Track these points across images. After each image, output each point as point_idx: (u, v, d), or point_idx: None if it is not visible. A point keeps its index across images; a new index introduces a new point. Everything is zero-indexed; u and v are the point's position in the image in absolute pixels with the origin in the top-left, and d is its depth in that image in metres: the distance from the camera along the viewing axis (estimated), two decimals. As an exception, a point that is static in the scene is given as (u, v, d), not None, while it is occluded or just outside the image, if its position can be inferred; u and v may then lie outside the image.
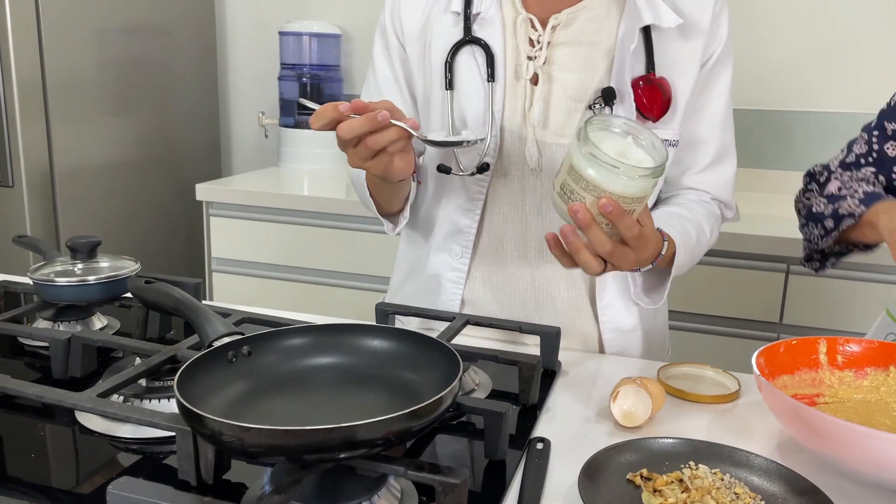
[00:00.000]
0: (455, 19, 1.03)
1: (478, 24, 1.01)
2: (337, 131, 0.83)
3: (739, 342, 1.82)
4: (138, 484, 0.57)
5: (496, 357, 0.89)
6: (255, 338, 0.76)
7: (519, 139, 1.02)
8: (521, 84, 1.01)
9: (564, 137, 1.00)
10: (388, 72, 1.11)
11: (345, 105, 0.83)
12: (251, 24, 2.70)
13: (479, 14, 1.02)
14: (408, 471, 0.63)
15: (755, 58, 2.22)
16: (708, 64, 1.03)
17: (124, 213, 2.31)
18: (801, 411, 0.72)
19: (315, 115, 0.84)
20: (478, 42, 1.01)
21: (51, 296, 1.01)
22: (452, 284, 1.10)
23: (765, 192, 2.24)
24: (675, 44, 1.00)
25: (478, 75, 1.01)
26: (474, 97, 1.02)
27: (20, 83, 1.96)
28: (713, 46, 1.02)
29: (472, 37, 1.01)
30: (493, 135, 1.01)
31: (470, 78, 1.02)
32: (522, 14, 1.01)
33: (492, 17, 1.01)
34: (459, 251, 1.08)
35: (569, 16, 1.00)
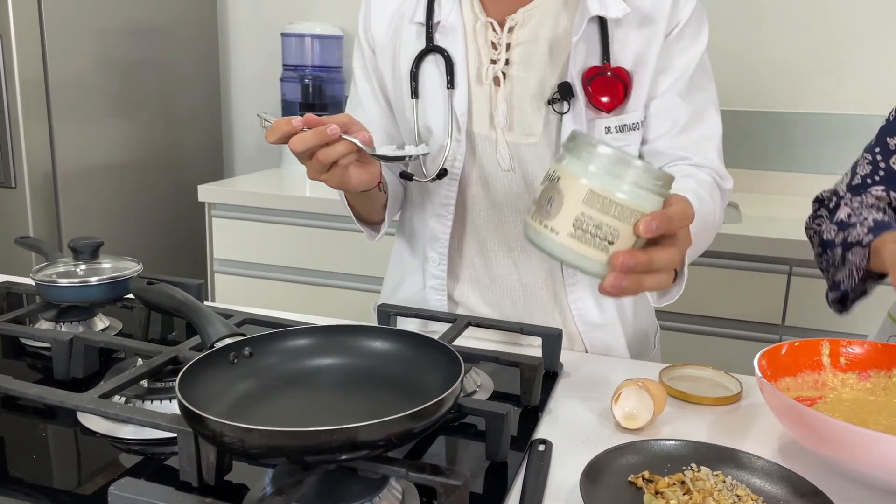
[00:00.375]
0: (419, 29, 1.04)
1: (440, 33, 1.03)
2: (289, 145, 0.85)
3: (741, 344, 1.82)
4: (140, 485, 0.57)
5: (497, 358, 0.89)
6: (257, 339, 0.76)
7: (489, 142, 1.03)
8: (484, 88, 1.02)
9: (533, 136, 1.01)
10: (364, 83, 1.13)
11: (297, 119, 0.85)
12: (253, 26, 2.70)
13: (439, 23, 1.03)
14: (409, 472, 0.63)
15: (757, 59, 2.22)
16: (671, 36, 1.00)
17: (126, 214, 2.31)
18: (804, 413, 0.72)
19: (270, 129, 0.86)
20: (438, 50, 1.02)
21: (53, 297, 1.01)
22: (435, 292, 1.11)
23: (766, 194, 2.24)
24: (633, 33, 0.99)
25: (440, 83, 1.03)
26: (438, 105, 1.03)
27: (23, 84, 1.96)
28: (673, 23, 1.00)
29: (433, 45, 1.02)
30: (458, 139, 1.02)
31: (433, 86, 1.03)
32: (482, 18, 1.02)
33: (452, 25, 1.02)
34: (437, 258, 1.09)
35: (524, 15, 1.00)
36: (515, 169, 1.03)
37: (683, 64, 1.00)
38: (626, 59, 0.99)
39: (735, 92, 2.24)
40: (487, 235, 1.08)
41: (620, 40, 0.99)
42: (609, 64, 0.98)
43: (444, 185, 1.05)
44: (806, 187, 2.19)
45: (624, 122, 1.00)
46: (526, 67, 1.00)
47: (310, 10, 2.60)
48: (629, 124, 1.00)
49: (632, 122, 1.01)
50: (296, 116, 0.85)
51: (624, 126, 1.00)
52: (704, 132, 1.03)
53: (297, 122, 0.84)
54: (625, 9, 0.96)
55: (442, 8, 1.03)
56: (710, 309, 1.83)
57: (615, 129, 1.00)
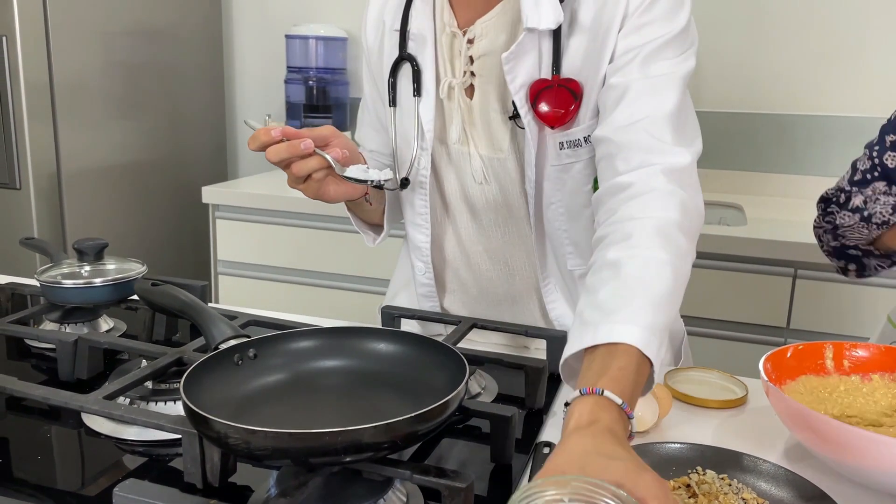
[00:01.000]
0: (397, 37, 1.03)
1: (412, 41, 1.01)
2: (265, 155, 0.87)
3: (746, 347, 1.82)
4: (144, 486, 0.57)
5: (502, 361, 0.89)
6: (261, 340, 0.76)
7: (462, 154, 1.02)
8: (454, 101, 1.00)
9: (501, 151, 0.99)
10: (367, 85, 1.13)
11: (276, 130, 0.87)
12: (258, 28, 2.70)
13: (410, 31, 1.01)
14: (414, 474, 0.63)
15: (759, 61, 2.21)
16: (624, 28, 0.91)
17: (131, 215, 2.32)
18: (809, 417, 0.71)
19: (251, 137, 0.88)
20: (409, 59, 1.01)
21: (58, 298, 1.01)
22: (426, 300, 1.11)
23: (771, 196, 2.24)
24: (584, 40, 0.92)
25: (411, 93, 1.02)
26: (409, 114, 1.03)
27: (28, 85, 1.97)
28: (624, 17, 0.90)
29: (406, 54, 1.01)
30: (423, 148, 1.01)
31: (405, 95, 1.03)
32: (448, 29, 1.00)
33: (422, 34, 1.00)
34: (422, 267, 1.09)
35: (482, 27, 0.97)
36: (490, 181, 1.02)
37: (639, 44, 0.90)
38: (575, 70, 0.92)
39: (739, 94, 2.24)
40: (472, 247, 1.07)
41: (570, 50, 0.92)
42: (557, 76, 0.92)
43: (417, 194, 1.05)
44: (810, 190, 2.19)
45: (572, 137, 0.94)
46: (487, 80, 0.98)
47: (314, 12, 2.60)
48: (578, 140, 0.94)
49: (580, 138, 0.94)
50: (276, 126, 0.88)
51: (573, 142, 0.94)
52: (653, 106, 0.88)
53: (275, 132, 0.87)
54: (558, 19, 0.90)
55: (415, 17, 1.01)
56: (715, 312, 1.83)
57: (567, 144, 0.94)
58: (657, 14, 0.89)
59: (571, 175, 0.97)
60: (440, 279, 1.11)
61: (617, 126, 0.88)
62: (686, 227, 0.81)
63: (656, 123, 0.87)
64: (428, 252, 1.07)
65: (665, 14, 0.90)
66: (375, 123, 1.13)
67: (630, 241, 0.77)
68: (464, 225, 1.07)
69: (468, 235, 1.07)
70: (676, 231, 0.79)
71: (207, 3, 2.57)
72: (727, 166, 2.27)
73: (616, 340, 0.68)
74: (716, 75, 2.24)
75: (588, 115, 0.93)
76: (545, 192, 0.98)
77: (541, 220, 1.00)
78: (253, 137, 0.87)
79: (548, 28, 0.90)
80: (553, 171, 0.97)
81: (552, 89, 0.92)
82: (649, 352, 0.68)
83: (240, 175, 2.82)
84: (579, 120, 0.94)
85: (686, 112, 0.91)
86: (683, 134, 0.88)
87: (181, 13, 2.44)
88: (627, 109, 0.88)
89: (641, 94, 0.88)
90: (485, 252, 1.07)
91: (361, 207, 1.08)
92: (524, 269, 1.06)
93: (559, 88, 0.92)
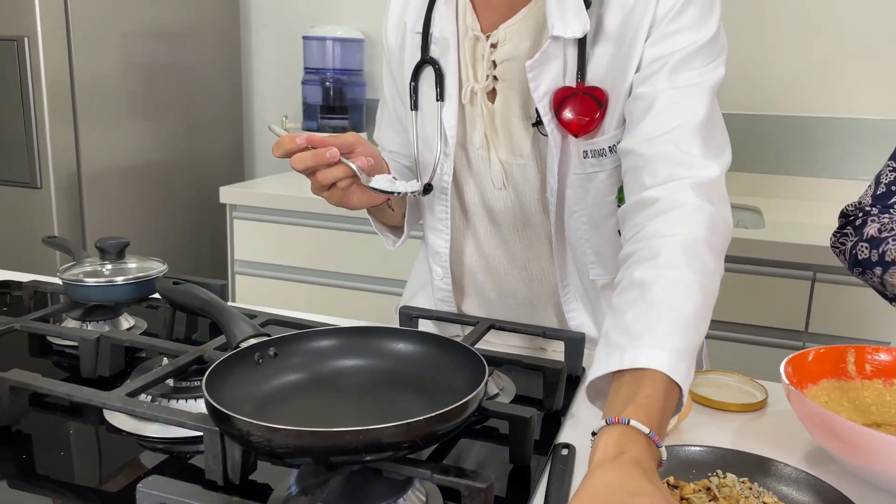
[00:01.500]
0: (419, 40, 1.02)
1: (435, 44, 1.00)
2: (290, 163, 0.87)
3: (764, 350, 1.81)
4: (168, 483, 0.58)
5: (520, 362, 0.89)
6: (282, 339, 0.77)
7: (482, 159, 1.01)
8: (476, 105, 0.99)
9: (521, 157, 0.98)
10: (388, 87, 1.13)
11: (302, 138, 0.86)
12: (275, 29, 2.72)
13: (433, 34, 1.00)
14: (434, 474, 0.63)
15: (775, 63, 2.20)
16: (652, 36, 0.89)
17: (149, 214, 2.34)
18: (831, 421, 0.71)
19: (276, 143, 0.88)
20: (431, 62, 1.00)
21: (80, 296, 1.02)
22: (443, 304, 1.11)
23: (789, 199, 2.22)
24: (609, 48, 0.91)
25: (433, 96, 1.01)
26: (431, 117, 1.02)
27: (49, 87, 1.99)
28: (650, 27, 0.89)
29: (428, 57, 1.01)
30: (447, 153, 1.01)
31: (429, 99, 1.02)
32: (471, 33, 0.98)
33: (444, 37, 0.99)
34: (441, 272, 1.09)
35: (506, 31, 0.96)
36: (508, 187, 1.01)
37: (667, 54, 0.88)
38: (600, 78, 0.91)
39: (756, 96, 2.23)
40: (491, 252, 1.07)
41: (595, 58, 0.91)
42: (582, 84, 0.91)
43: (438, 199, 1.04)
44: (828, 192, 2.17)
45: (596, 147, 0.93)
46: (509, 86, 0.96)
47: (331, 14, 2.61)
48: (601, 150, 0.93)
49: (604, 148, 0.93)
50: (301, 134, 0.87)
51: (598, 151, 0.93)
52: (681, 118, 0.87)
53: (300, 140, 0.86)
54: (584, 27, 0.89)
55: (437, 19, 1.00)
56: (733, 315, 1.82)
57: (591, 153, 0.93)
58: (686, 22, 0.88)
59: (595, 184, 0.96)
60: (458, 284, 1.11)
61: (644, 138, 0.86)
62: (714, 244, 0.79)
63: (684, 136, 0.85)
64: (447, 257, 1.07)
65: (694, 22, 0.88)
66: (395, 124, 1.13)
67: (657, 261, 0.76)
68: (483, 230, 1.06)
69: (487, 241, 1.07)
70: (704, 249, 0.78)
71: (226, 5, 2.58)
72: (745, 169, 2.25)
73: (643, 366, 0.67)
74: (732, 77, 2.23)
75: (613, 124, 0.92)
76: (567, 201, 0.97)
77: (562, 228, 0.99)
78: (277, 145, 0.87)
79: (573, 37, 0.89)
80: (576, 180, 0.96)
81: (577, 97, 0.91)
82: (677, 377, 0.67)
83: (257, 176, 2.84)
84: (604, 129, 0.92)
85: (715, 122, 0.89)
86: (712, 146, 0.87)
87: (200, 15, 2.46)
88: (654, 121, 0.86)
89: (669, 105, 0.86)
90: (503, 257, 1.06)
91: (383, 212, 1.08)
92: (543, 276, 1.06)
93: (584, 97, 0.91)
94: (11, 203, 2.08)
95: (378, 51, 2.59)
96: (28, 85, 1.97)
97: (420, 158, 1.04)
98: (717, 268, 0.79)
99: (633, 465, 0.59)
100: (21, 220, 2.08)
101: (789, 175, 2.24)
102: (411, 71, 1.03)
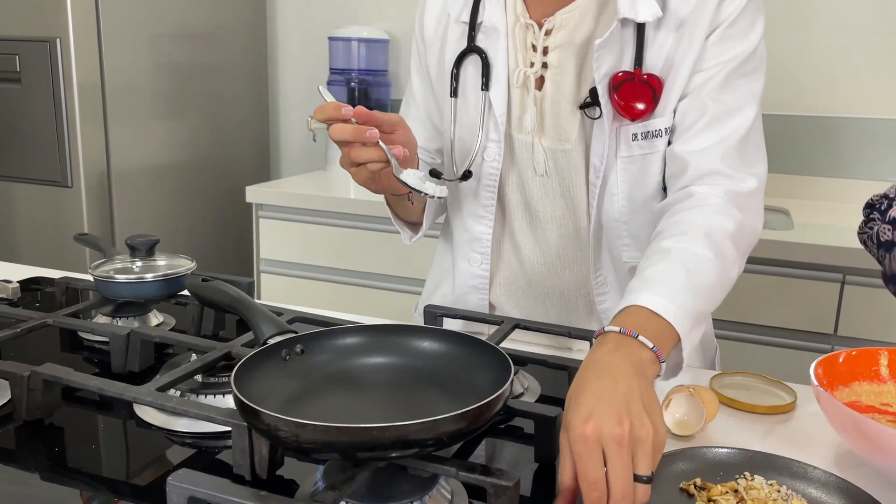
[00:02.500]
0: (463, 29, 1.04)
1: (482, 33, 1.02)
2: (329, 130, 0.86)
3: (792, 353, 1.78)
4: (197, 476, 0.58)
5: (546, 361, 0.89)
6: (309, 336, 0.77)
7: (526, 146, 1.02)
8: (523, 92, 1.01)
9: (568, 142, 0.99)
10: (418, 79, 1.14)
11: (348, 108, 0.86)
12: (301, 30, 2.74)
13: (482, 23, 1.02)
14: (459, 472, 0.63)
15: (804, 63, 2.17)
16: (712, 36, 0.93)
17: (176, 213, 2.36)
18: (863, 424, 0.70)
19: (319, 107, 0.87)
20: (477, 51, 1.02)
21: (110, 292, 1.04)
22: (476, 291, 1.11)
23: (818, 200, 2.19)
24: (671, 36, 0.94)
25: (478, 84, 1.02)
26: (473, 105, 1.03)
27: (80, 87, 2.02)
28: (716, 24, 0.93)
29: (473, 46, 1.02)
30: (496, 141, 1.01)
31: (471, 87, 1.03)
32: (522, 20, 1.00)
33: (494, 26, 1.01)
34: (479, 259, 1.09)
35: (562, 17, 0.98)
36: (550, 174, 1.02)
37: (720, 62, 0.93)
38: (658, 65, 0.94)
39: (784, 96, 2.20)
40: (523, 240, 1.07)
41: (656, 45, 0.94)
42: (640, 70, 0.94)
43: (484, 186, 1.05)
44: (858, 194, 2.13)
45: (650, 128, 0.96)
46: (561, 71, 0.98)
47: (357, 15, 2.63)
48: (652, 131, 0.96)
49: (656, 129, 0.96)
50: (348, 105, 0.86)
51: (648, 133, 0.96)
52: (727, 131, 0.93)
53: (346, 111, 0.86)
54: (656, 13, 0.92)
55: (486, 8, 1.02)
56: (760, 317, 1.79)
57: (642, 136, 0.96)
58: (742, 27, 0.93)
59: (640, 166, 0.97)
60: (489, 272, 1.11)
61: (691, 149, 0.93)
62: (738, 240, 0.87)
63: (729, 150, 0.92)
64: (488, 244, 1.07)
65: (749, 25, 0.93)
66: (423, 119, 1.14)
67: (684, 237, 0.85)
68: (518, 216, 1.06)
69: (521, 227, 1.07)
70: (728, 240, 0.86)
71: (252, 7, 2.61)
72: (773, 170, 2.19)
73: (651, 308, 0.75)
74: (762, 77, 2.20)
75: (667, 109, 0.95)
76: (609, 184, 0.98)
77: (601, 211, 1.00)
78: (321, 108, 0.86)
79: (644, 21, 0.92)
80: (622, 163, 0.97)
81: (633, 83, 0.93)
82: (681, 329, 0.75)
83: (282, 175, 2.86)
84: (656, 114, 0.95)
85: (756, 134, 0.95)
86: (752, 159, 0.94)
87: (227, 16, 2.48)
88: (702, 133, 0.93)
89: (718, 117, 0.93)
90: (536, 245, 1.07)
91: (401, 204, 1.08)
92: (575, 262, 1.06)
93: (640, 83, 0.93)
94: (43, 201, 2.12)
95: (403, 52, 2.60)
96: (60, 85, 2.01)
97: (458, 145, 1.05)
98: (736, 260, 0.87)
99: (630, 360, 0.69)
100: (53, 218, 2.12)
101: (818, 176, 2.20)
102: (454, 59, 1.04)
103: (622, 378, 0.67)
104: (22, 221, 2.17)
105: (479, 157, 1.03)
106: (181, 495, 0.58)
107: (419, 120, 1.15)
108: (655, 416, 0.65)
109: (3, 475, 0.70)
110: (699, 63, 0.94)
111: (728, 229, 0.86)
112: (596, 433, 0.62)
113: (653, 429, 0.63)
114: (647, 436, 0.63)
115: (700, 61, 0.94)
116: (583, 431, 0.63)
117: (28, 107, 2.05)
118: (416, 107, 1.15)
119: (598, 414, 0.63)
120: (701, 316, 0.79)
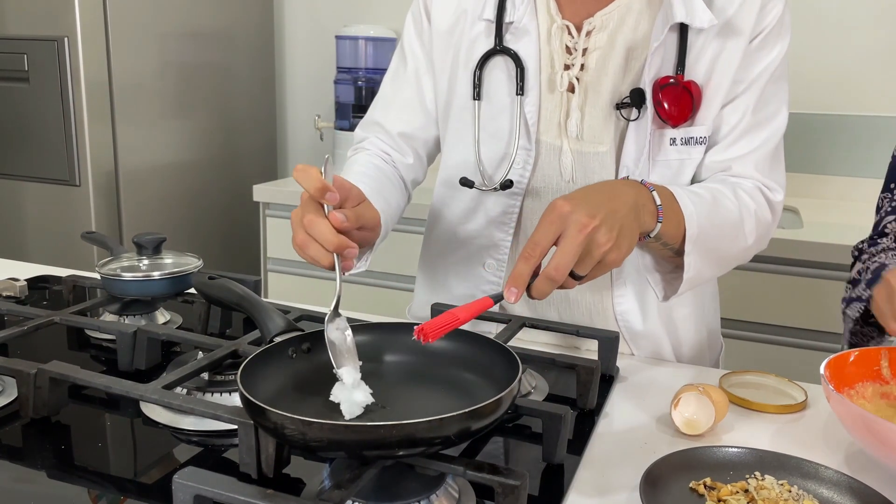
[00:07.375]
0: (487, 27, 0.99)
1: (511, 34, 0.98)
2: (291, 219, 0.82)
3: (801, 352, 1.77)
4: (204, 475, 0.58)
5: (554, 360, 0.88)
6: (315, 335, 0.77)
7: (553, 151, 0.99)
8: (556, 95, 0.97)
9: (602, 145, 0.97)
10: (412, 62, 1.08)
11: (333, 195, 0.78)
12: (308, 29, 2.74)
13: (511, 23, 0.98)
14: (467, 471, 0.62)
15: (818, 62, 2.16)
16: (753, 44, 0.95)
17: (184, 211, 2.37)
18: (874, 423, 0.69)
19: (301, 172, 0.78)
20: (508, 53, 0.98)
21: (117, 290, 1.04)
22: None
23: (827, 199, 2.18)
24: (713, 43, 0.93)
25: (508, 87, 0.98)
26: (503, 110, 0.99)
27: (88, 86, 2.03)
28: (757, 31, 0.94)
29: (503, 47, 0.98)
30: (528, 149, 0.98)
31: (499, 90, 0.99)
32: (558, 21, 0.97)
33: (526, 27, 0.97)
34: (495, 265, 1.06)
35: (603, 18, 0.95)
36: (576, 179, 0.99)
37: (759, 70, 0.95)
38: (700, 71, 0.93)
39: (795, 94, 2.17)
40: None
41: (698, 51, 0.93)
42: (682, 76, 0.93)
43: (508, 195, 1.02)
44: (868, 193, 2.12)
45: (691, 134, 0.95)
46: (601, 73, 0.95)
47: (364, 13, 2.63)
48: (696, 137, 0.95)
49: (698, 136, 0.95)
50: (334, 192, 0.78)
51: (690, 139, 0.95)
52: (760, 140, 0.97)
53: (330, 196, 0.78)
54: (711, 19, 0.90)
55: (516, 8, 0.98)
56: (769, 316, 1.78)
57: (680, 141, 0.95)
58: (779, 30, 0.95)
59: (675, 172, 0.97)
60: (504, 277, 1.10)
61: (725, 157, 0.97)
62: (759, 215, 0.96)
63: (762, 158, 0.97)
64: (507, 250, 1.04)
65: (783, 30, 0.96)
66: (414, 102, 1.08)
67: (713, 189, 0.93)
68: (533, 223, 1.04)
69: None
70: (749, 213, 0.94)
71: (260, 6, 2.61)
72: (782, 168, 2.21)
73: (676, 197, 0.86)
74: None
75: (709, 116, 0.95)
76: None
77: None
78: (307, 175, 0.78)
79: (700, 27, 0.91)
80: (655, 167, 0.96)
81: (676, 87, 0.93)
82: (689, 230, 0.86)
83: (289, 174, 2.86)
84: (697, 121, 0.95)
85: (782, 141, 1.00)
86: (779, 167, 1.00)
87: (234, 15, 2.49)
88: (738, 142, 0.96)
89: (754, 126, 0.96)
90: None
91: None
92: None
93: (681, 88, 0.93)
94: (51, 200, 2.13)
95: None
96: (67, 84, 2.01)
97: (483, 151, 1.01)
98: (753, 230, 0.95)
99: (636, 199, 0.79)
100: (60, 216, 2.12)
101: (828, 175, 2.19)
102: (477, 59, 0.99)
103: (620, 200, 0.76)
104: (30, 220, 2.18)
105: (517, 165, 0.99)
106: (187, 493, 0.57)
107: (409, 104, 1.09)
108: (623, 242, 0.73)
109: (11, 473, 0.70)
110: (741, 71, 0.94)
111: (751, 206, 0.95)
112: (567, 211, 0.71)
113: (613, 245, 0.71)
114: (604, 244, 0.71)
115: (741, 69, 0.94)
116: (559, 205, 0.72)
117: (36, 106, 2.06)
118: (410, 88, 1.08)
119: (579, 201, 0.72)
120: (709, 253, 0.90)
